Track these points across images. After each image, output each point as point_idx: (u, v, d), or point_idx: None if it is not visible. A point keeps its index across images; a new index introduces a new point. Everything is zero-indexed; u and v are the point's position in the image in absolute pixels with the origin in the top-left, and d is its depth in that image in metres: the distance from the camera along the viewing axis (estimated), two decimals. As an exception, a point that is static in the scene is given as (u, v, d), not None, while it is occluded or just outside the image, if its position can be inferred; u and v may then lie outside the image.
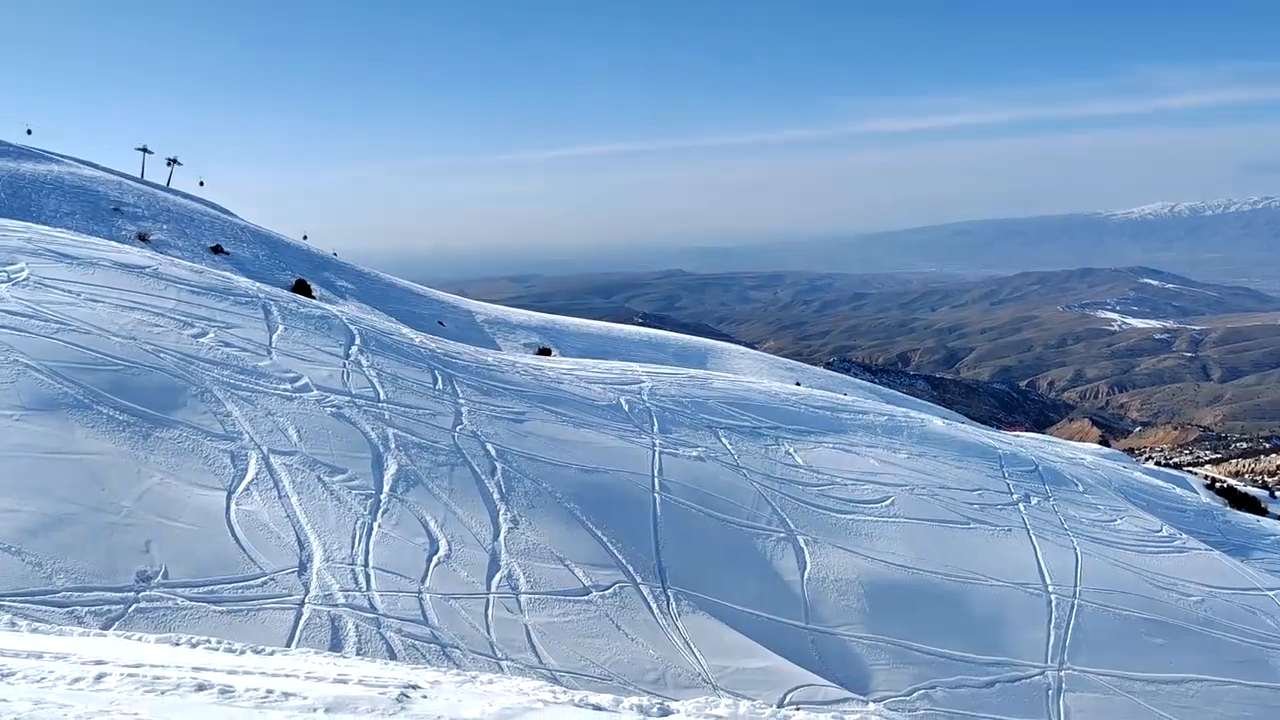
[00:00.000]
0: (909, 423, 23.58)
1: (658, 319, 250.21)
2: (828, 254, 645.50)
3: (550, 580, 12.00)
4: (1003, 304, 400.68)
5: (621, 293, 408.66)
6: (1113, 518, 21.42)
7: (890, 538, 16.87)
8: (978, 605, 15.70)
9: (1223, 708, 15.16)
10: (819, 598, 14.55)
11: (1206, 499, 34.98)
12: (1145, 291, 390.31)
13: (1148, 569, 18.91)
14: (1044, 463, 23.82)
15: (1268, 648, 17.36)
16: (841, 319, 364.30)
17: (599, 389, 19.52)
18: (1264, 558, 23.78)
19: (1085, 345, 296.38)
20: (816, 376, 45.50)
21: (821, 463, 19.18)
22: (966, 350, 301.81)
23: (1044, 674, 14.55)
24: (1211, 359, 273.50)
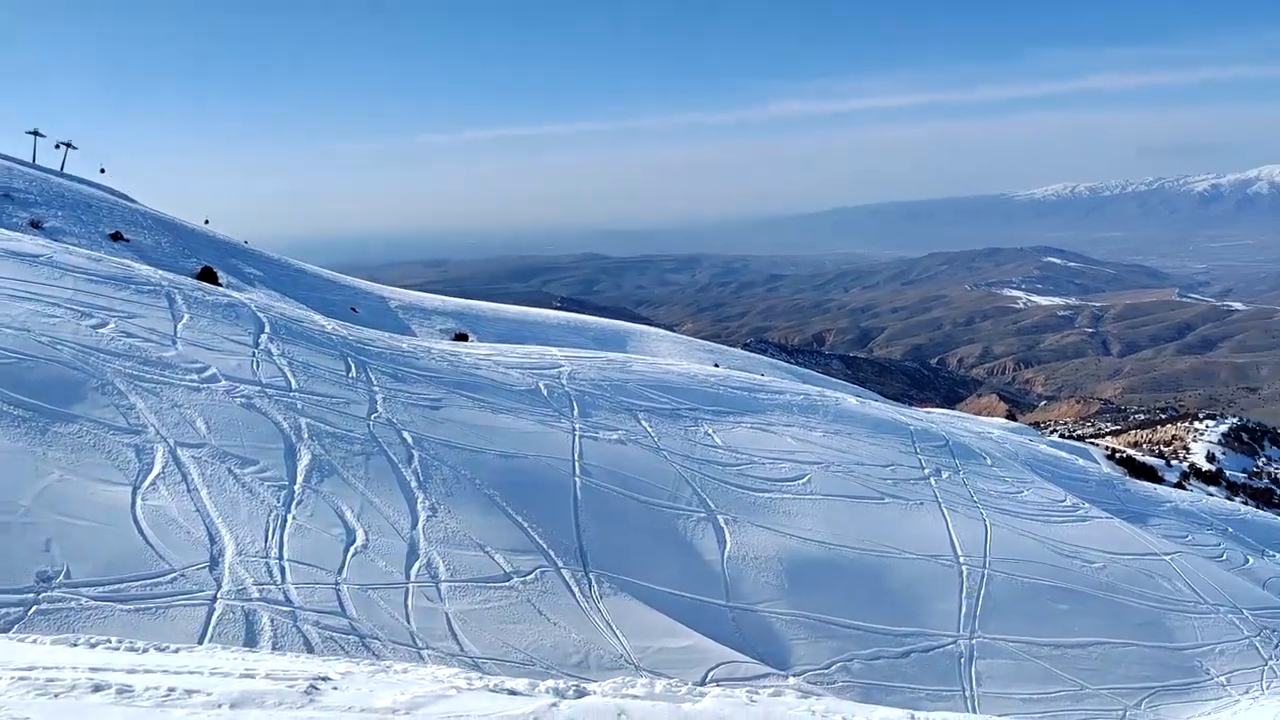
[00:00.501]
0: (824, 401, 23.95)
1: (576, 302, 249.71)
2: (744, 236, 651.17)
3: (470, 567, 11.91)
4: (913, 284, 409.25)
5: (539, 276, 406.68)
6: (1019, 489, 22.10)
7: (808, 514, 17.15)
8: (893, 578, 16.07)
9: (1124, 669, 15.80)
10: (739, 575, 14.72)
11: (1107, 469, 36.32)
12: (1049, 270, 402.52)
13: (1053, 538, 19.56)
14: (954, 438, 24.44)
15: (1165, 610, 18.13)
16: (758, 300, 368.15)
17: (517, 374, 19.41)
18: (1161, 524, 24.78)
19: (992, 323, 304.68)
20: (734, 358, 45.91)
21: (740, 443, 19.38)
22: (879, 329, 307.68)
23: (956, 643, 14.97)
24: (1111, 334, 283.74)
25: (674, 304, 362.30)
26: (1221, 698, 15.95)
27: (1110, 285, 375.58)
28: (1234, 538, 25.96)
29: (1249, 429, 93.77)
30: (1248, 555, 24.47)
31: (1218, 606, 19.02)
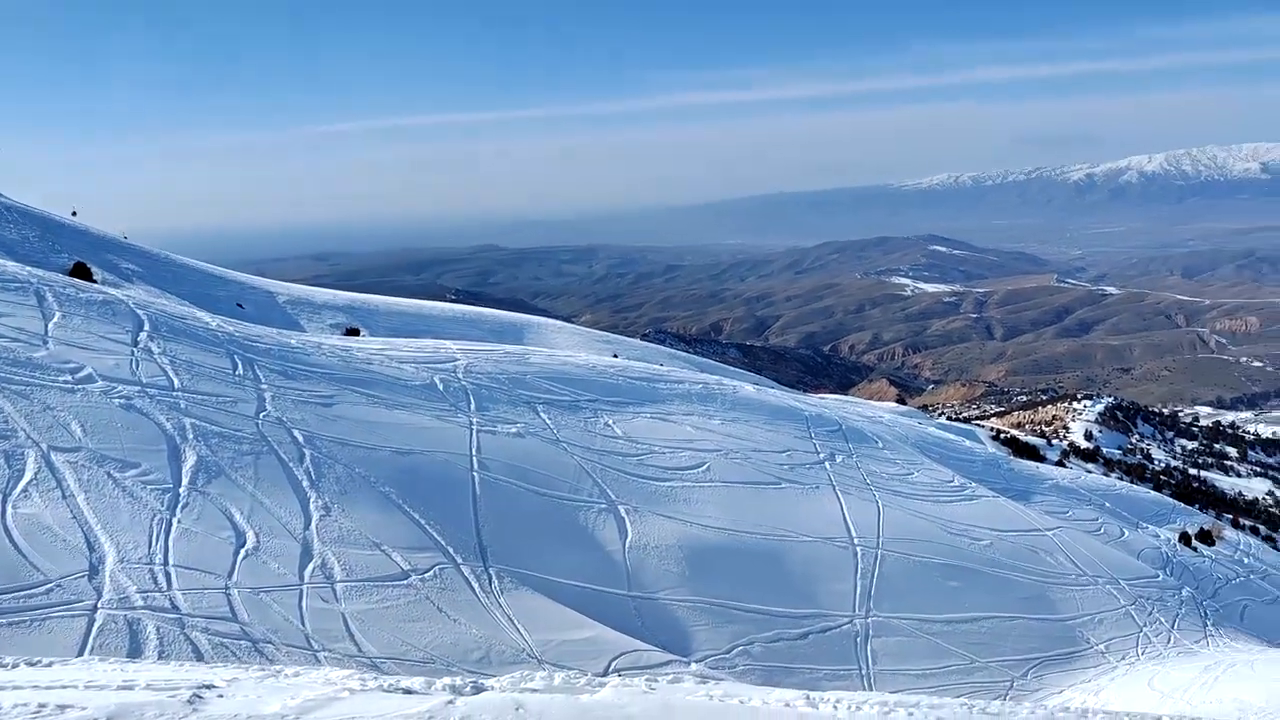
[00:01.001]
0: (722, 390, 24.22)
1: (471, 295, 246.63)
2: (641, 226, 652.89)
3: (367, 566, 11.67)
4: (806, 273, 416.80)
5: (432, 269, 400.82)
6: (910, 471, 22.73)
7: (707, 502, 17.32)
8: (791, 561, 16.36)
9: (1011, 641, 16.41)
10: (641, 565, 14.78)
11: (993, 449, 37.65)
12: (935, 258, 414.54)
13: (942, 517, 20.18)
14: (847, 422, 24.99)
15: (1048, 584, 18.89)
16: (656, 291, 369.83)
17: (412, 369, 19.09)
18: (1043, 501, 25.83)
19: (882, 310, 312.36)
20: (633, 348, 46.02)
21: (640, 433, 19.45)
22: (774, 318, 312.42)
23: (852, 622, 15.33)
24: (994, 319, 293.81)
25: (572, 295, 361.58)
26: (1101, 665, 16.70)
27: (993, 272, 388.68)
28: (1111, 512, 27.22)
29: (1123, 408, 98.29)
30: (1123, 528, 25.69)
31: (1096, 578, 19.91)
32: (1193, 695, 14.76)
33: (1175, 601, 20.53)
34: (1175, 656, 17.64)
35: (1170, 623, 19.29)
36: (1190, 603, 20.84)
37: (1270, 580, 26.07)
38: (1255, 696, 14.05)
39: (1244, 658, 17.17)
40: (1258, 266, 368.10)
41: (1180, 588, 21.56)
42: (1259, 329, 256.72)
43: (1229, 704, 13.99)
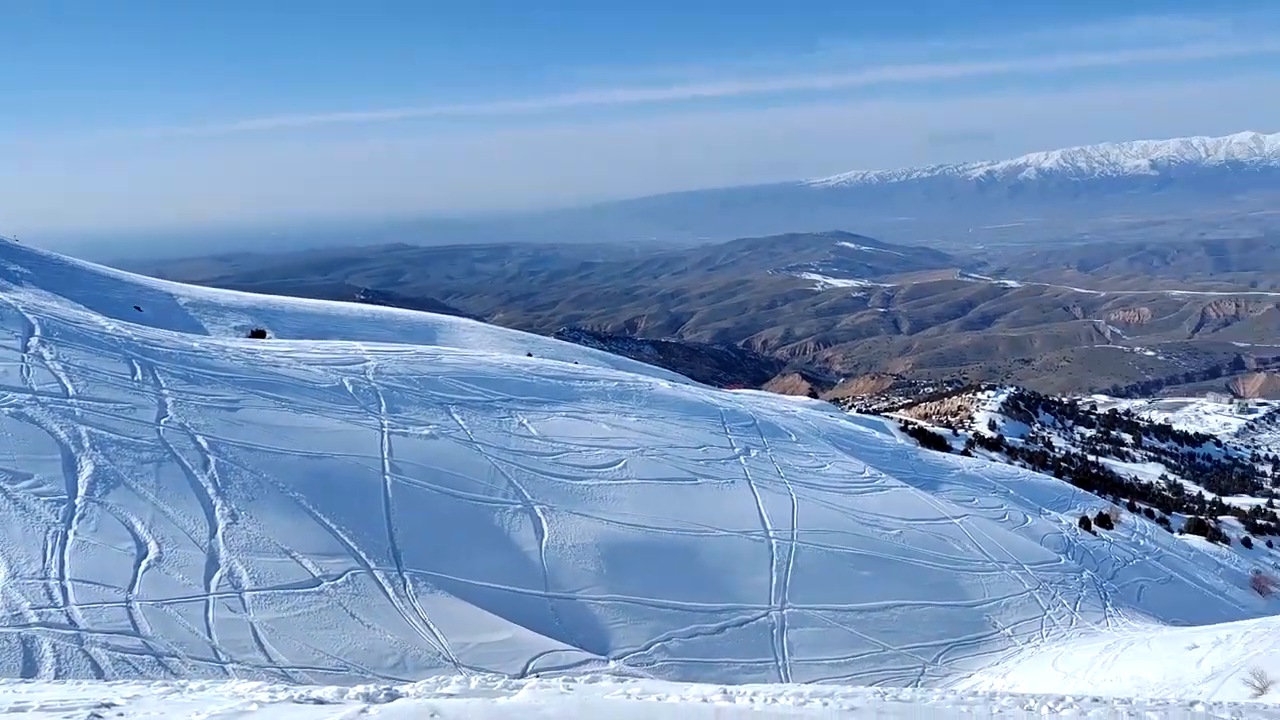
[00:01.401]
0: (638, 387, 24.26)
1: (381, 295, 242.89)
2: (554, 224, 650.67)
3: (276, 574, 11.39)
4: (719, 269, 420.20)
5: (340, 269, 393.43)
6: (822, 463, 23.09)
7: (624, 499, 17.33)
8: (708, 556, 16.47)
9: (922, 628, 16.79)
10: (558, 564, 14.72)
11: (901, 440, 38.46)
12: (843, 254, 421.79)
13: (854, 508, 20.55)
14: (761, 417, 25.27)
15: (957, 570, 19.37)
16: (570, 288, 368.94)
17: (320, 371, 18.70)
18: (950, 489, 26.48)
19: (793, 306, 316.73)
20: (547, 347, 45.82)
21: (555, 431, 19.37)
22: (688, 315, 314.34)
23: (769, 614, 15.50)
24: (901, 313, 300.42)
25: (484, 294, 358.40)
26: (1008, 648, 17.19)
27: (899, 267, 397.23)
28: (1014, 499, 28.04)
29: (1024, 397, 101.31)
30: (1026, 514, 26.49)
31: (1002, 564, 20.48)
32: (1094, 674, 15.29)
33: (1077, 584, 21.24)
34: (1077, 637, 18.24)
35: (1072, 605, 19.94)
36: (1091, 585, 21.58)
37: (1165, 561, 27.15)
38: (1152, 674, 14.61)
39: (1141, 636, 17.84)
40: (1149, 259, 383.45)
41: (1081, 571, 22.31)
42: (1150, 319, 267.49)
43: (1128, 682, 14.52)
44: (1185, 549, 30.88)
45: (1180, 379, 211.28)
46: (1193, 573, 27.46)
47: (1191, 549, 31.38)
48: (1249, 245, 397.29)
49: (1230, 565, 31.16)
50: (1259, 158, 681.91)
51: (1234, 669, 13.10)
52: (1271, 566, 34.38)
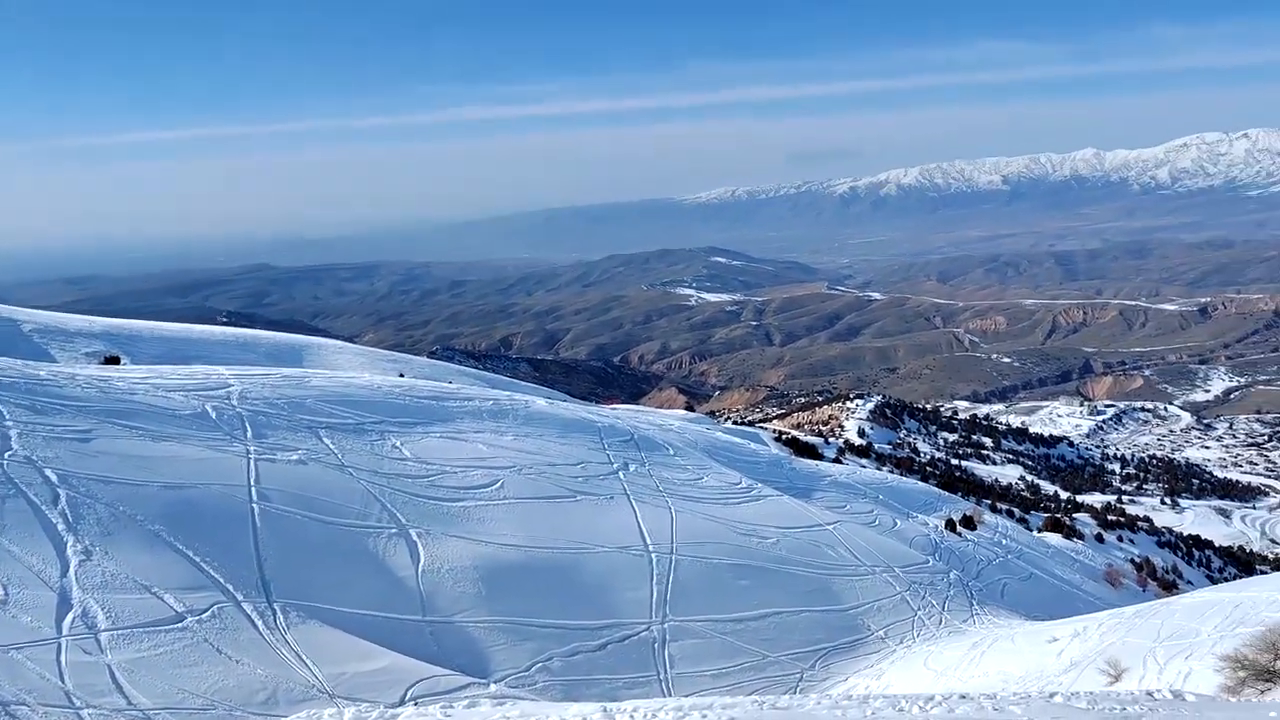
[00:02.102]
0: (514, 405, 24.09)
1: (245, 317, 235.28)
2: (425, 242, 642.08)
3: (136, 612, 10.84)
4: (593, 285, 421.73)
5: (201, 291, 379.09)
6: (700, 475, 23.35)
7: (502, 519, 17.15)
8: (588, 573, 16.44)
9: (799, 634, 17.12)
10: (435, 588, 14.46)
11: (776, 450, 39.23)
12: (715, 269, 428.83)
13: (731, 519, 20.84)
14: (639, 432, 25.41)
15: (831, 576, 19.84)
16: (442, 307, 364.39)
17: (181, 397, 17.94)
18: (823, 497, 27.13)
19: (668, 320, 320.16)
20: (420, 367, 45.10)
21: (430, 453, 19.05)
22: (564, 331, 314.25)
23: (649, 628, 15.56)
24: (773, 326, 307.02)
25: (353, 314, 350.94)
26: (881, 650, 17.68)
27: (770, 281, 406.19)
28: (884, 504, 28.91)
29: (891, 405, 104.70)
30: (896, 518, 27.34)
31: (874, 567, 21.08)
32: (963, 671, 15.86)
33: (944, 584, 22.02)
34: (947, 636, 18.90)
35: (941, 605, 20.66)
36: (958, 584, 22.41)
37: (1025, 558, 28.40)
38: (1016, 668, 15.24)
39: (1005, 632, 18.60)
40: (1003, 270, 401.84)
41: (948, 571, 23.14)
42: (1006, 328, 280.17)
43: (994, 676, 15.11)
44: (1044, 546, 32.37)
45: (1035, 384, 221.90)
46: (1051, 569, 28.79)
47: (1049, 546, 32.92)
48: (1094, 255, 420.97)
49: (1085, 560, 32.81)
50: (1100, 173, 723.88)
51: (1091, 659, 13.78)
52: (1123, 560, 36.35)
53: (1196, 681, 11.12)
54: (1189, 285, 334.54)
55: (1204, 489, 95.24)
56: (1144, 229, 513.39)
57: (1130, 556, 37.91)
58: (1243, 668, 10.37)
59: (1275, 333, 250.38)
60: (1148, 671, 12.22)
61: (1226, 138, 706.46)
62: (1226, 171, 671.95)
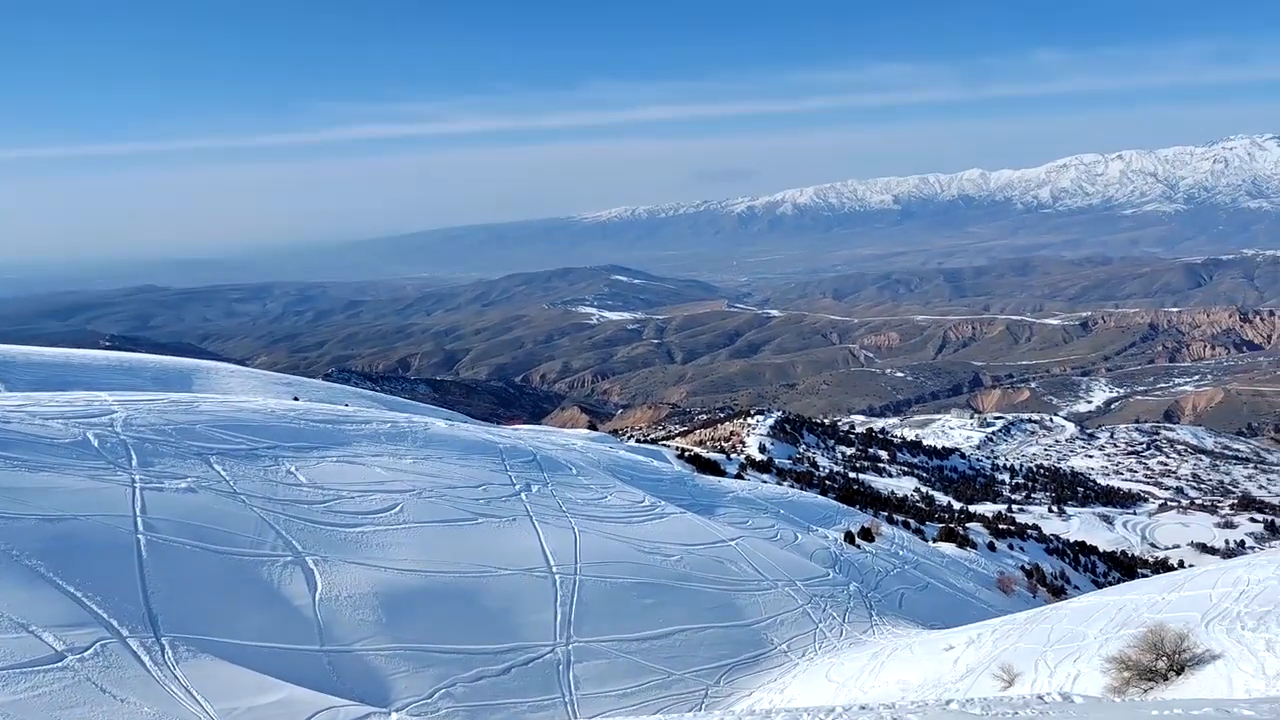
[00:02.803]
0: (413, 428, 23.71)
1: (129, 341, 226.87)
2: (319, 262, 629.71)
3: (11, 652, 10.29)
4: (493, 305, 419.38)
5: (82, 313, 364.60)
6: (604, 495, 23.32)
7: (402, 544, 16.83)
8: (491, 596, 16.23)
9: (704, 650, 17.19)
10: (333, 617, 14.09)
11: (679, 467, 39.43)
12: (617, 287, 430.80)
13: (635, 537, 20.85)
14: (541, 452, 25.26)
15: (734, 591, 20.00)
16: (338, 328, 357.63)
17: (59, 425, 17.16)
18: (726, 513, 27.36)
19: (570, 339, 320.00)
20: (315, 389, 44.09)
21: (326, 478, 18.60)
22: (464, 351, 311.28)
23: (554, 650, 15.43)
24: (674, 344, 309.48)
25: (245, 336, 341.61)
26: (784, 664, 17.88)
27: (671, 299, 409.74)
28: (785, 518, 29.31)
29: (791, 420, 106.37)
30: (797, 532, 27.73)
31: (776, 581, 21.33)
32: (863, 681, 16.13)
33: (845, 596, 22.41)
34: (847, 647, 19.22)
35: (841, 616, 21.01)
36: (857, 596, 22.82)
37: (921, 569, 29.08)
38: (914, 676, 15.57)
39: (904, 641, 19.00)
40: (895, 288, 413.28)
41: (848, 583, 23.55)
42: (899, 343, 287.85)
43: (894, 686, 15.41)
44: (939, 556, 33.22)
45: (927, 397, 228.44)
46: (946, 578, 29.55)
47: (944, 555, 33.79)
48: (980, 272, 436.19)
49: (978, 568, 33.76)
50: (986, 193, 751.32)
51: (985, 665, 14.16)
52: (1014, 567, 37.50)
53: (1085, 683, 11.52)
54: (1070, 300, 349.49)
55: (1088, 497, 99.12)
56: (1027, 246, 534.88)
57: (1021, 564, 39.14)
58: (1127, 668, 10.79)
59: (1151, 345, 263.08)
60: (1039, 675, 12.60)
61: (1103, 159, 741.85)
62: (1103, 191, 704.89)
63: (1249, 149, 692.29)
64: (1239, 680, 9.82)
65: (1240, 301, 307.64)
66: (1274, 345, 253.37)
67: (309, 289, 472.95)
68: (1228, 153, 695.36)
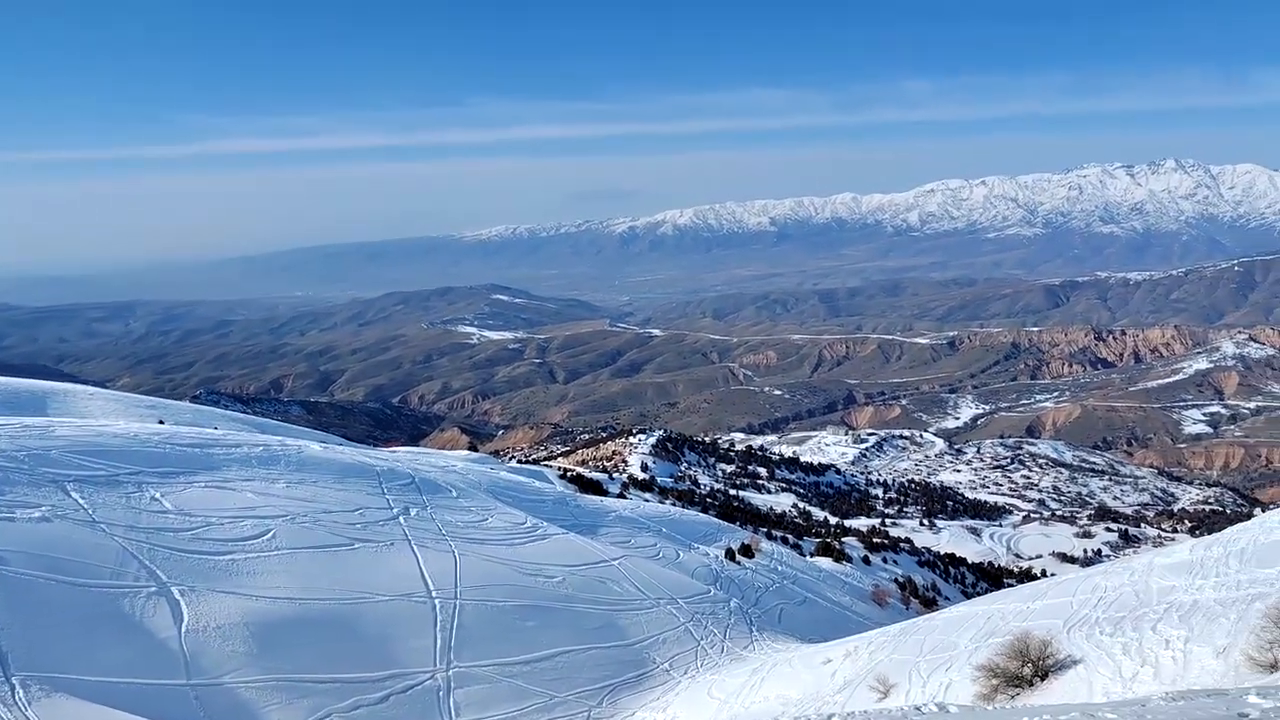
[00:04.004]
0: (286, 451, 23.02)
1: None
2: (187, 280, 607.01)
3: None
4: (371, 324, 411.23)
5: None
6: (484, 517, 23.06)
7: (274, 572, 16.29)
8: (368, 623, 15.83)
9: (586, 672, 17.12)
10: (201, 649, 13.52)
11: (561, 488, 39.28)
12: (498, 306, 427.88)
13: (517, 559, 20.67)
14: (420, 474, 24.83)
15: (617, 611, 20.00)
16: (207, 348, 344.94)
17: (-102, 452, 16.07)
18: (609, 532, 27.37)
19: (450, 359, 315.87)
20: (182, 412, 42.38)
21: (193, 504, 17.88)
22: (339, 372, 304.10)
23: (434, 677, 15.14)
24: (556, 363, 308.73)
25: (106, 357, 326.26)
26: (667, 682, 17.94)
27: (552, 319, 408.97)
28: (667, 536, 29.49)
29: (672, 439, 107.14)
30: (678, 550, 27.92)
31: (659, 600, 21.42)
32: (744, 697, 16.31)
33: (726, 613, 22.64)
34: (729, 664, 19.41)
35: (723, 633, 21.22)
36: (738, 612, 23.09)
37: (800, 583, 29.63)
38: (794, 691, 15.83)
39: (784, 656, 19.29)
40: (773, 307, 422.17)
41: (729, 600, 23.82)
42: (777, 362, 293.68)
43: (774, 701, 15.63)
44: (816, 570, 33.91)
45: (804, 414, 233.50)
46: (824, 592, 30.17)
47: (822, 570, 34.51)
48: (853, 293, 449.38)
49: (854, 582, 34.57)
50: (858, 216, 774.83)
51: (862, 677, 14.50)
52: (888, 580, 38.52)
53: (957, 692, 11.91)
54: (938, 320, 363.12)
55: (957, 510, 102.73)
56: (898, 268, 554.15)
57: (895, 576, 40.23)
58: (995, 675, 11.21)
59: (1014, 363, 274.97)
60: (913, 685, 12.97)
61: (968, 185, 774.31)
62: (968, 215, 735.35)
63: (1101, 177, 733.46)
64: (1099, 683, 10.30)
65: (1095, 321, 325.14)
66: (1126, 363, 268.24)
67: (176, 308, 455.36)
68: (1082, 180, 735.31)
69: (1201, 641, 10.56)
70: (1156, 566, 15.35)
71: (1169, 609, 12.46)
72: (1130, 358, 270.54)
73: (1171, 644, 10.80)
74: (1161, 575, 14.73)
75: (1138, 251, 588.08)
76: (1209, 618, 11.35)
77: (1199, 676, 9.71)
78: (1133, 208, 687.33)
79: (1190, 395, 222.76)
